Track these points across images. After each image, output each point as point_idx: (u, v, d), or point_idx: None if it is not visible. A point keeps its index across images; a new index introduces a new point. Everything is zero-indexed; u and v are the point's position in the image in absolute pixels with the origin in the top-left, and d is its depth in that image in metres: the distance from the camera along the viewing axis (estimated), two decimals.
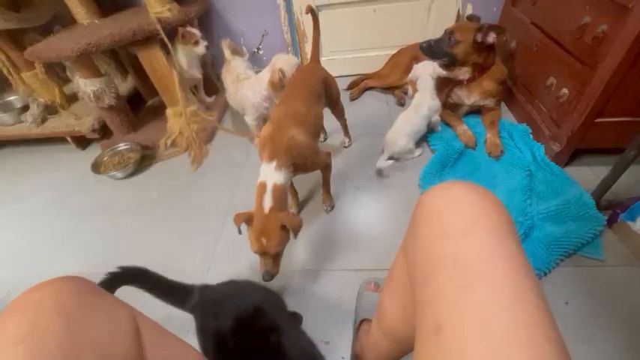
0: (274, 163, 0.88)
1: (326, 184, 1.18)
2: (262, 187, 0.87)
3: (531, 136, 1.33)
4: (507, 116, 1.52)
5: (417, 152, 1.38)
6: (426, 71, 1.36)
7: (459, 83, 1.43)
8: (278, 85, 1.34)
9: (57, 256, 1.23)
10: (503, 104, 1.56)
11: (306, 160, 0.96)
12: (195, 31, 1.53)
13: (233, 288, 0.74)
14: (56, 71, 1.88)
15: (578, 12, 1.08)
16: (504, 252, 0.31)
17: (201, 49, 1.55)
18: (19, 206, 1.48)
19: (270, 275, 0.86)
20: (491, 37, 1.27)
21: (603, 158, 1.18)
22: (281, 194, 0.87)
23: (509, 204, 1.08)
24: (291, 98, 1.02)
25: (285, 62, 1.34)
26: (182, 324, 0.80)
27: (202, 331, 0.64)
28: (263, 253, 0.85)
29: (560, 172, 1.17)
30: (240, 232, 0.86)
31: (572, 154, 1.20)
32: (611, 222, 1.00)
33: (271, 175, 0.87)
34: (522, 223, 1.01)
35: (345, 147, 1.49)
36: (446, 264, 0.32)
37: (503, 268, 0.29)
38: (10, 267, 1.22)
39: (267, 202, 0.85)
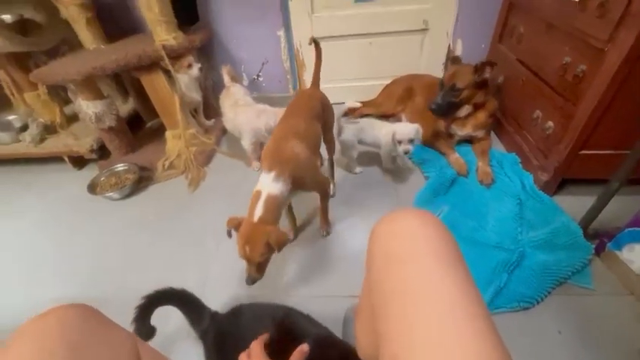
0: (273, 173, 0.90)
1: (324, 209, 1.19)
2: (257, 196, 0.89)
3: (520, 165, 1.39)
4: (497, 146, 1.58)
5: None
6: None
7: (457, 118, 1.49)
8: None
9: (50, 277, 1.21)
10: (493, 134, 1.63)
11: (305, 175, 0.98)
12: (189, 57, 1.58)
13: (244, 313, 0.79)
14: (57, 91, 1.91)
15: (559, 52, 1.16)
16: (448, 279, 0.33)
17: (194, 71, 1.60)
18: (12, 226, 1.46)
19: (252, 280, 0.89)
20: (487, 72, 1.35)
21: (590, 187, 1.22)
22: (274, 205, 0.89)
23: (501, 231, 1.11)
24: (292, 116, 1.07)
25: None
26: None
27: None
28: (247, 260, 0.87)
29: (549, 201, 1.21)
30: (230, 235, 0.89)
31: (560, 184, 1.24)
32: (599, 251, 1.03)
33: (268, 184, 0.89)
34: (514, 250, 1.03)
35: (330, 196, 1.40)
36: (397, 295, 0.34)
37: (450, 296, 0.31)
38: (1, 287, 1.19)
39: (258, 212, 0.87)
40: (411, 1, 1.73)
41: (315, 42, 1.22)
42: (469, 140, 1.55)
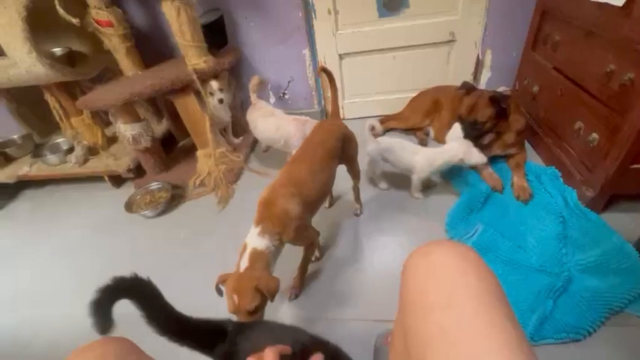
0: (259, 229, 0.88)
1: (304, 264, 1.09)
2: (243, 248, 0.88)
3: (561, 179, 1.30)
4: (534, 159, 1.49)
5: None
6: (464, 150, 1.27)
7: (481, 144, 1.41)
8: None
9: (85, 294, 1.26)
10: (529, 147, 1.54)
11: (293, 233, 0.93)
12: (213, 83, 1.63)
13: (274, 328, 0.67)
14: (100, 115, 2.05)
15: (601, 60, 1.08)
16: (489, 324, 0.31)
17: (213, 101, 1.65)
18: (57, 240, 1.56)
19: None
20: (503, 103, 1.30)
21: None
22: (259, 258, 0.86)
23: (543, 253, 1.04)
24: (301, 161, 1.01)
25: None
26: None
27: None
28: (237, 312, 0.82)
29: (597, 219, 1.11)
30: (220, 293, 0.85)
31: (609, 199, 1.14)
32: None
33: (253, 239, 0.88)
34: (559, 274, 0.95)
35: (356, 215, 1.38)
36: (435, 343, 0.32)
37: (490, 343, 0.30)
38: (39, 302, 1.27)
39: (244, 264, 0.85)
40: (437, 13, 1.71)
41: (326, 71, 1.17)
42: (503, 155, 1.48)
